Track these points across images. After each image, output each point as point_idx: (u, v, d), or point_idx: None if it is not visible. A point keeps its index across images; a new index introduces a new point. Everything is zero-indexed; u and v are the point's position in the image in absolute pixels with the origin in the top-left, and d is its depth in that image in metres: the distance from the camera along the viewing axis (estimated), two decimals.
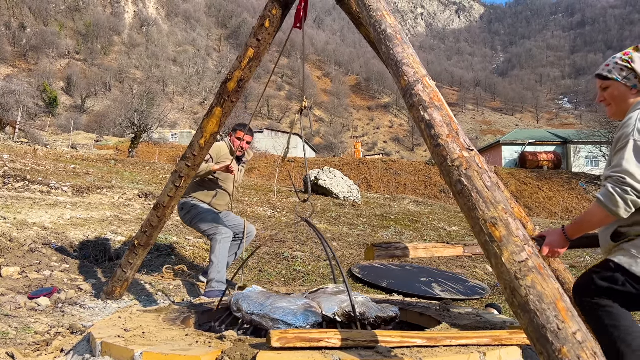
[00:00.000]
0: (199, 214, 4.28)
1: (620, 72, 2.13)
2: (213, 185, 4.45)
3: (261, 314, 2.51)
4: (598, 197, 1.96)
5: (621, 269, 1.92)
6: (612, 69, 2.15)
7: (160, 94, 52.20)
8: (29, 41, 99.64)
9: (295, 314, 2.45)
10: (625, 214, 1.91)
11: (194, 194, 4.43)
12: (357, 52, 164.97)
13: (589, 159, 40.01)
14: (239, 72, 3.09)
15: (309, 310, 2.50)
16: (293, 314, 2.46)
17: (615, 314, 1.85)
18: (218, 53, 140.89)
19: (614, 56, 2.22)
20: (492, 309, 4.03)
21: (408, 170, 37.11)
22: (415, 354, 1.96)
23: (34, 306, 3.41)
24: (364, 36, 3.32)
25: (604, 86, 2.20)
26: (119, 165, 18.08)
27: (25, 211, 6.43)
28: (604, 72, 2.18)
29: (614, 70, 2.15)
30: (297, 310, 2.48)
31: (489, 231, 1.52)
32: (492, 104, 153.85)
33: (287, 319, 2.43)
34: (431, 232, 10.07)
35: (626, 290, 1.91)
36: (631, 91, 2.12)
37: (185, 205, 4.37)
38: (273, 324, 2.44)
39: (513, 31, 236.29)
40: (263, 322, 2.49)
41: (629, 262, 1.91)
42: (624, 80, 2.12)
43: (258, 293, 2.77)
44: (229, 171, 4.31)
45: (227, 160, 4.32)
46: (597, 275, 1.98)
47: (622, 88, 2.13)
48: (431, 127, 1.80)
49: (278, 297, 2.64)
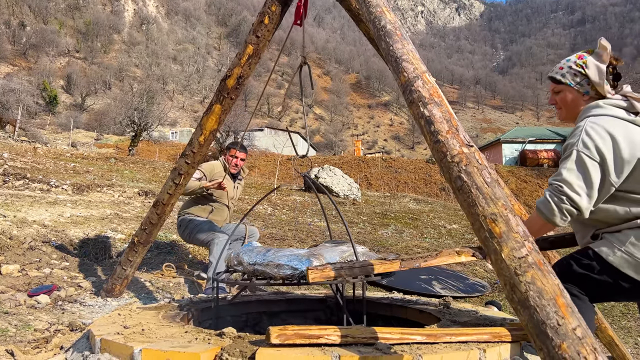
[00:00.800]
0: (196, 226, 4.41)
1: (574, 77, 2.08)
2: (208, 202, 4.59)
3: (264, 262, 2.48)
4: (537, 204, 1.98)
5: (598, 257, 1.94)
6: (566, 72, 2.10)
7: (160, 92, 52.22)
8: (28, 39, 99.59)
9: (300, 259, 2.42)
10: (561, 223, 1.93)
11: (190, 209, 4.57)
12: (357, 50, 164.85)
13: None
14: (238, 69, 3.08)
15: (314, 256, 2.47)
16: (298, 259, 2.43)
17: (579, 305, 1.85)
18: (218, 51, 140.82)
19: (568, 58, 2.16)
20: (492, 307, 4.03)
21: (408, 169, 37.08)
22: (415, 351, 1.95)
23: (34, 304, 3.41)
24: (364, 33, 3.32)
25: (556, 90, 2.16)
26: (119, 164, 18.08)
27: (25, 209, 6.43)
28: (557, 75, 2.14)
29: (567, 75, 2.10)
30: (302, 256, 2.45)
31: (488, 227, 1.52)
32: (492, 102, 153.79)
33: (293, 263, 2.40)
34: (431, 230, 10.07)
35: (601, 280, 1.93)
36: (583, 97, 2.08)
37: (183, 222, 4.51)
38: (278, 269, 2.41)
39: (513, 29, 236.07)
40: (267, 269, 2.45)
41: (606, 252, 1.92)
42: (577, 86, 2.08)
43: (258, 247, 2.75)
44: (221, 188, 4.45)
45: (220, 177, 4.46)
46: (575, 262, 2.01)
47: (574, 94, 2.09)
48: (431, 124, 1.80)
49: (279, 249, 2.63)
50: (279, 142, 39.88)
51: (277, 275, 2.44)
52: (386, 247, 7.11)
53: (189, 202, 4.66)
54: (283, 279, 2.43)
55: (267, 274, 2.46)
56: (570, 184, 1.86)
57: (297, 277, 2.40)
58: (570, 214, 1.89)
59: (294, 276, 2.41)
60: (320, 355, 1.86)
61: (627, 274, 1.88)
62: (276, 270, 2.42)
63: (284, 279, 2.43)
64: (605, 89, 2.04)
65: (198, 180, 4.41)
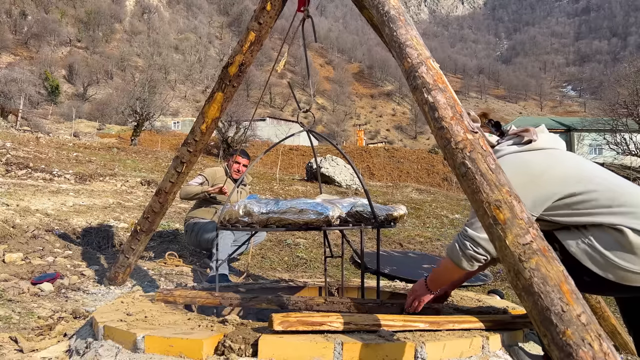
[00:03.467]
0: (201, 227, 4.57)
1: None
2: (212, 204, 4.75)
3: (281, 210, 2.41)
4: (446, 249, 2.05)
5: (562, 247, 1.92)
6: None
7: (162, 81, 51.99)
8: (30, 29, 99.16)
9: (322, 205, 2.39)
10: (469, 267, 1.99)
11: (194, 212, 4.75)
12: (360, 39, 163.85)
13: (593, 147, 39.81)
14: (240, 56, 3.06)
15: (330, 203, 2.44)
16: (321, 205, 2.39)
17: None
18: (220, 40, 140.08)
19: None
20: (494, 295, 4.03)
21: (411, 159, 37.02)
22: (418, 338, 1.95)
23: (37, 291, 3.42)
24: (367, 19, 3.27)
25: None
26: (121, 153, 18.08)
27: (28, 198, 6.44)
28: None
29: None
30: (321, 203, 2.43)
31: (492, 214, 1.50)
32: (495, 92, 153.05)
33: (318, 208, 2.36)
34: (434, 220, 10.07)
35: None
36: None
37: (188, 227, 4.69)
38: (300, 215, 2.37)
39: (517, 18, 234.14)
40: (286, 216, 2.39)
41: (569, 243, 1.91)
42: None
43: (263, 199, 2.71)
44: (223, 193, 4.60)
45: (222, 183, 4.64)
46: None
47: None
48: (435, 110, 1.78)
49: (289, 200, 2.57)
50: (281, 132, 39.83)
51: (300, 221, 2.38)
52: (388, 237, 7.11)
53: (193, 206, 4.85)
54: (307, 223, 2.37)
55: (285, 220, 2.39)
56: (473, 225, 1.94)
57: (322, 222, 2.35)
58: (476, 260, 1.96)
59: (319, 221, 2.35)
60: (324, 342, 1.86)
61: (587, 267, 1.86)
62: (297, 216, 2.37)
63: (307, 224, 2.38)
64: (490, 141, 2.13)
65: (200, 185, 4.64)
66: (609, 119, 32.87)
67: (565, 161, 2.01)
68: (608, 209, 1.85)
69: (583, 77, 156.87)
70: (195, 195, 4.61)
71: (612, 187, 1.91)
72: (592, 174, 1.96)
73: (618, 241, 1.81)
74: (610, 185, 1.92)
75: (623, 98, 32.21)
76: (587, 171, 1.97)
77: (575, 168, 1.99)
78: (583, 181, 1.92)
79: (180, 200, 5.56)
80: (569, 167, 1.99)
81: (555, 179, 1.93)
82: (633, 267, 1.79)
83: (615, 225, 1.82)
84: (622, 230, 1.80)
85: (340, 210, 2.42)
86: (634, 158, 31.59)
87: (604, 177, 1.95)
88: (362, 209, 2.51)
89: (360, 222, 2.50)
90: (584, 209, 1.88)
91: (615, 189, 1.91)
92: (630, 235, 1.79)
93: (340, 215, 2.42)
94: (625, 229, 1.80)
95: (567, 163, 2.00)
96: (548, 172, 1.95)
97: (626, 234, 1.79)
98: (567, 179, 1.93)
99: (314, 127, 3.06)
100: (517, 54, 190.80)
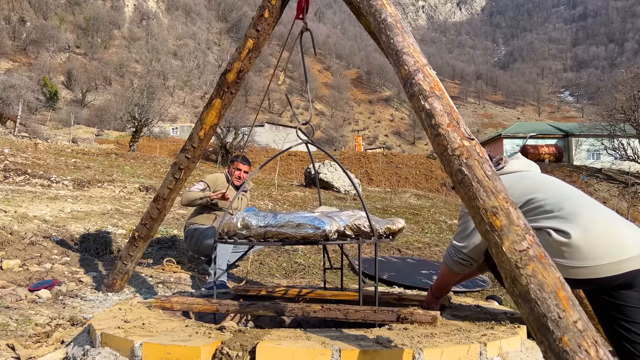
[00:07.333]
0: (201, 233, 4.55)
1: None
2: (212, 211, 4.75)
3: (279, 223, 2.42)
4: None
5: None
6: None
7: (160, 87, 52.09)
8: (28, 35, 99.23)
9: (320, 219, 2.38)
10: (461, 271, 2.45)
11: (195, 218, 4.74)
12: (358, 45, 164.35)
13: (591, 152, 39.90)
14: (238, 63, 3.07)
15: (328, 217, 2.43)
16: (318, 219, 2.38)
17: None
18: (218, 46, 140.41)
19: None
20: (492, 301, 4.04)
21: (409, 164, 37.06)
22: (416, 344, 1.95)
23: (35, 298, 3.41)
24: (364, 27, 3.29)
25: None
26: (119, 159, 18.07)
27: (25, 204, 6.43)
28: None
29: None
30: (319, 217, 2.41)
31: (489, 220, 1.51)
32: (493, 97, 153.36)
33: (315, 222, 2.35)
34: (432, 225, 10.07)
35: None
36: None
37: (188, 233, 4.66)
38: (298, 229, 2.37)
39: (514, 24, 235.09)
40: (284, 230, 2.39)
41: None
42: None
43: (261, 212, 2.69)
44: (224, 198, 4.60)
45: (223, 189, 4.65)
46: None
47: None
48: (431, 117, 1.79)
49: (287, 212, 2.56)
50: (280, 138, 39.83)
51: (297, 235, 2.38)
52: (387, 243, 7.11)
53: (193, 212, 4.84)
54: (304, 238, 2.37)
55: (283, 234, 2.40)
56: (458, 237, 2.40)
57: (319, 236, 2.35)
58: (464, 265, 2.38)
59: (316, 235, 2.35)
60: (321, 348, 1.86)
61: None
62: (295, 230, 2.37)
63: (304, 238, 2.38)
64: None
65: (202, 191, 4.63)
66: (607, 124, 33.01)
67: (530, 178, 2.34)
68: (549, 214, 2.09)
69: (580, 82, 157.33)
70: (196, 201, 4.59)
71: (561, 196, 2.14)
72: (551, 187, 2.23)
73: (547, 241, 2.02)
74: (561, 195, 2.15)
75: (620, 103, 32.38)
76: (547, 184, 2.26)
77: (538, 182, 2.28)
78: (542, 190, 2.19)
79: (179, 206, 5.56)
80: (534, 181, 2.30)
81: (519, 191, 2.20)
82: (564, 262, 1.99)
83: (546, 227, 2.06)
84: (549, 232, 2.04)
85: (338, 224, 2.42)
86: (632, 163, 31.69)
87: (561, 190, 2.20)
88: (361, 223, 2.51)
89: (358, 236, 2.50)
90: (534, 215, 2.12)
91: (562, 197, 2.13)
92: (553, 235, 2.02)
93: (338, 229, 2.42)
94: (550, 230, 2.04)
95: (532, 179, 2.33)
96: (514, 187, 2.20)
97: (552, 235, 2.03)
98: (528, 189, 2.22)
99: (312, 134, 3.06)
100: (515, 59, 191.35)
